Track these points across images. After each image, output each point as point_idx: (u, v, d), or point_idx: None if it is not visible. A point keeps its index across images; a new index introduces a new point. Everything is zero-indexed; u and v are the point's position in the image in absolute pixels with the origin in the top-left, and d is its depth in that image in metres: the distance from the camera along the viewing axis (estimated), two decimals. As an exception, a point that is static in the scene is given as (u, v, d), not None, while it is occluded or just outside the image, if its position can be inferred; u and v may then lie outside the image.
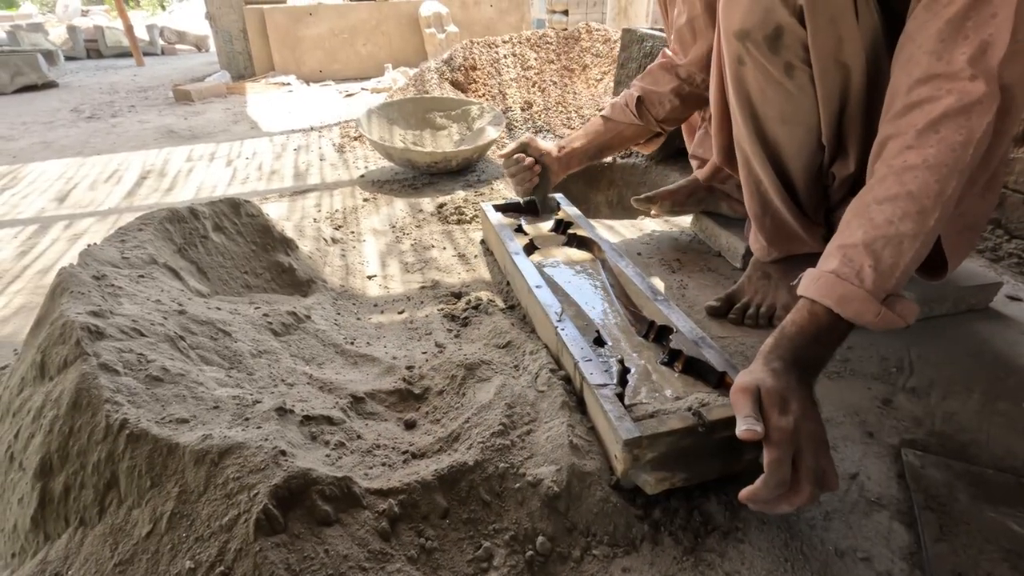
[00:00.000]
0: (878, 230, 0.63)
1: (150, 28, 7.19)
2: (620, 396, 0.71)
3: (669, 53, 1.20)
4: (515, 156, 1.29)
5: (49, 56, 5.22)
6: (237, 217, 1.15)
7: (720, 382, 0.77)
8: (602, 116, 1.28)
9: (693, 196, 1.32)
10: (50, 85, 4.49)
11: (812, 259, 0.98)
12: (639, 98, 1.20)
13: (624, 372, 0.80)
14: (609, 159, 2.04)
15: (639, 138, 1.29)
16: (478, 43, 2.73)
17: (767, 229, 0.97)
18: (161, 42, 7.27)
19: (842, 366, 0.93)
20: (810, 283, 0.66)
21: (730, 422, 0.65)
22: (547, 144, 1.32)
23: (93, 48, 6.82)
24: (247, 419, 0.67)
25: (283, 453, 0.61)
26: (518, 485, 0.65)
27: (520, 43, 2.74)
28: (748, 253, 1.22)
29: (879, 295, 0.62)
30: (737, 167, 0.97)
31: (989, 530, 0.64)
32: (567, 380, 0.81)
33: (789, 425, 0.56)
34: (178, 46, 7.51)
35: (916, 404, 0.85)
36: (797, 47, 0.74)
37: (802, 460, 0.56)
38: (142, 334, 0.73)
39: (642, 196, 1.34)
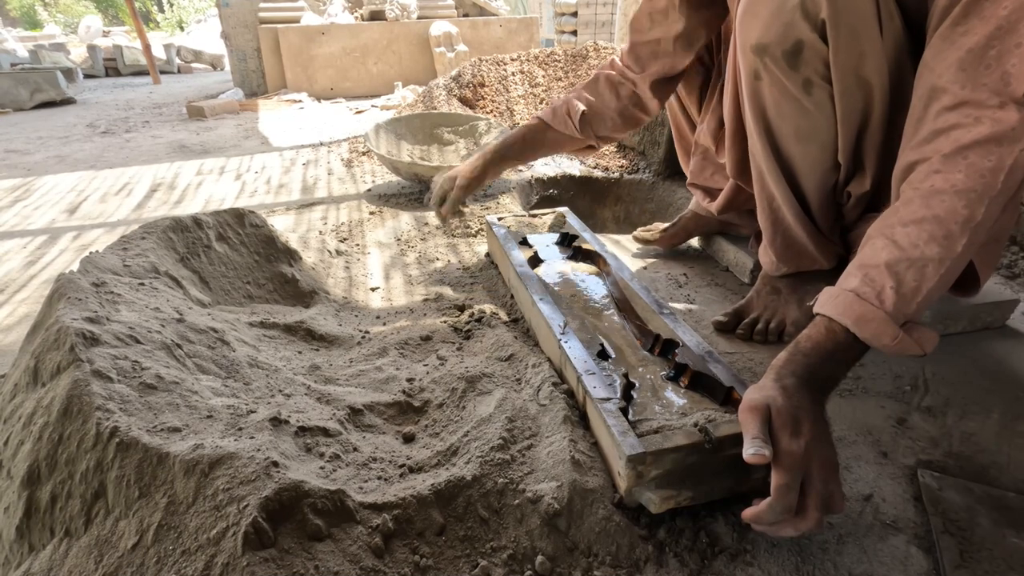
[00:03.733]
0: (902, 252, 0.61)
1: (167, 47, 7.35)
2: (624, 411, 0.69)
3: (619, 64, 1.14)
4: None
5: (68, 73, 5.35)
6: (241, 227, 1.15)
7: (727, 398, 0.74)
8: (540, 119, 1.22)
9: (690, 234, 1.36)
10: (68, 101, 4.58)
11: (823, 275, 0.96)
12: (583, 112, 1.15)
13: (628, 386, 0.77)
14: (616, 175, 2.04)
15: (572, 148, 1.25)
16: (487, 60, 2.75)
17: (777, 246, 0.95)
18: (178, 61, 7.43)
19: (854, 384, 0.90)
20: (828, 300, 0.64)
21: (738, 439, 0.63)
22: (461, 167, 1.28)
23: (111, 66, 6.98)
24: (240, 429, 0.65)
25: (275, 464, 0.59)
26: (517, 502, 0.63)
27: (528, 61, 2.76)
28: (756, 268, 1.20)
29: (898, 319, 0.60)
30: (749, 181, 0.95)
31: (1013, 557, 0.61)
32: (570, 394, 0.79)
33: (800, 449, 0.54)
34: (194, 65, 7.67)
35: (932, 424, 0.82)
36: (817, 63, 0.72)
37: (811, 486, 0.54)
38: (138, 341, 0.72)
39: (640, 236, 1.37)
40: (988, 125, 0.59)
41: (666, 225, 1.38)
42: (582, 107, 1.15)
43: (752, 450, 0.54)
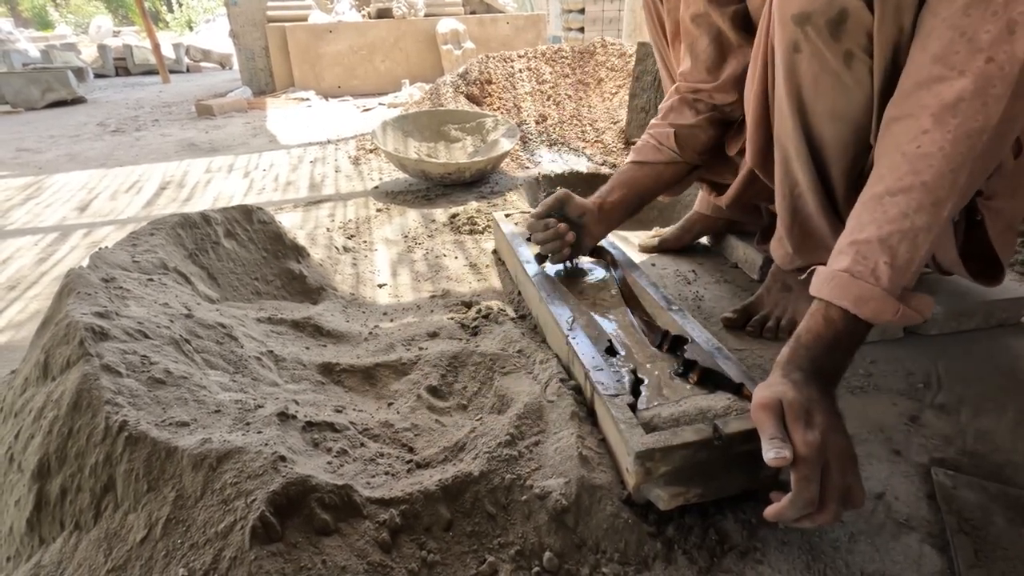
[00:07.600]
0: (892, 224, 0.60)
1: (176, 47, 7.40)
2: (632, 407, 0.68)
3: (684, 85, 1.08)
4: (545, 221, 1.06)
5: (79, 73, 5.39)
6: (249, 224, 1.15)
7: (737, 395, 0.73)
8: (632, 162, 1.11)
9: (697, 236, 1.36)
10: (79, 100, 4.62)
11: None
12: (674, 134, 1.06)
13: (637, 383, 0.77)
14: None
15: (678, 178, 1.13)
16: (494, 57, 2.75)
17: (795, 236, 0.93)
18: (187, 60, 7.47)
19: (866, 381, 0.89)
20: (823, 283, 0.63)
21: (748, 436, 0.62)
22: (585, 201, 1.09)
23: (121, 66, 7.04)
24: (248, 424, 0.65)
25: (283, 459, 0.59)
26: (525, 497, 0.63)
27: (535, 57, 2.75)
28: (766, 265, 1.19)
29: (895, 292, 0.59)
30: (768, 170, 0.93)
31: (1029, 556, 0.60)
32: (577, 390, 0.78)
33: (816, 440, 0.53)
34: (203, 64, 7.72)
35: (945, 421, 0.81)
36: (860, 34, 0.69)
37: (830, 478, 0.53)
38: (147, 336, 0.72)
39: (647, 244, 1.36)
40: (971, 79, 0.56)
41: (668, 229, 1.37)
42: (670, 130, 1.06)
43: (772, 453, 0.53)
